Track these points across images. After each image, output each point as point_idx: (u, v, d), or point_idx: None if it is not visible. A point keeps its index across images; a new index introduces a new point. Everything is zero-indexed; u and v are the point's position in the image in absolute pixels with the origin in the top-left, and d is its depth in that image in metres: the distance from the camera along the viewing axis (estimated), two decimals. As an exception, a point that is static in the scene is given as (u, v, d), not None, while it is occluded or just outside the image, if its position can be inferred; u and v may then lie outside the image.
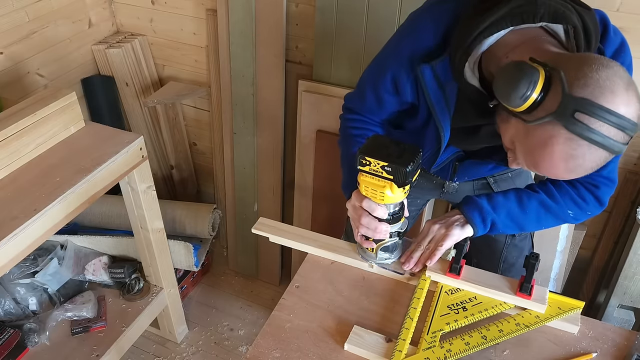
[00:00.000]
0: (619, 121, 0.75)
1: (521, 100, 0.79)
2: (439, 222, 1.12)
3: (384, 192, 0.96)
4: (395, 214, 1.02)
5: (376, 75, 1.09)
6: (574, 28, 0.86)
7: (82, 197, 1.40)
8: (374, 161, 0.94)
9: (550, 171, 0.83)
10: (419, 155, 0.94)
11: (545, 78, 0.78)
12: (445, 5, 0.99)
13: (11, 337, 1.68)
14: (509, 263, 1.38)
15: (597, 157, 0.79)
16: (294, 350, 0.96)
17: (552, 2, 0.86)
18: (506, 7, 0.87)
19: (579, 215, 1.13)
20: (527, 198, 1.12)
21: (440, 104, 1.02)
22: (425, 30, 1.00)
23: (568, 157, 0.79)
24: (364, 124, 1.19)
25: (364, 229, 1.04)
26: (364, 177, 0.97)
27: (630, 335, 0.99)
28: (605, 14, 0.96)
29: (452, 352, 0.94)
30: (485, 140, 1.08)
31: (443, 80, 0.99)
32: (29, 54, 1.96)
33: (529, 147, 0.83)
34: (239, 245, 2.38)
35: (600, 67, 0.76)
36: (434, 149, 1.11)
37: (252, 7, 1.85)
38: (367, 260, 1.11)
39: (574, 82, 0.76)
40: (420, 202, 1.47)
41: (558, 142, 0.78)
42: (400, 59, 1.02)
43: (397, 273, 1.09)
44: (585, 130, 0.76)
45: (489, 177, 1.31)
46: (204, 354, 2.08)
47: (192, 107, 2.36)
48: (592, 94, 0.75)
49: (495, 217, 1.10)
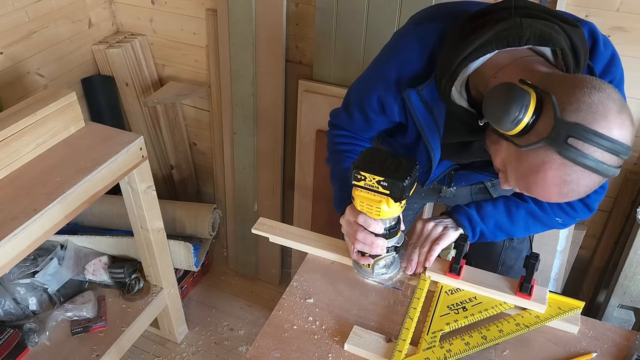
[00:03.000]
0: (613, 146, 0.74)
1: (513, 125, 0.78)
2: (433, 220, 1.11)
3: (380, 207, 0.94)
4: (391, 229, 1.01)
5: (362, 96, 1.08)
6: (562, 50, 0.85)
7: (82, 197, 1.40)
8: (369, 176, 0.92)
9: (543, 195, 0.82)
10: (416, 168, 0.92)
11: (537, 101, 0.77)
12: (430, 25, 0.98)
13: (11, 337, 1.68)
14: (507, 266, 1.38)
15: (590, 182, 0.78)
16: (294, 350, 0.96)
17: (537, 24, 0.85)
18: (492, 31, 0.86)
19: (567, 221, 1.14)
20: (515, 208, 1.12)
21: (429, 125, 1.00)
22: (410, 52, 0.98)
23: (561, 183, 0.78)
24: (352, 140, 1.18)
25: (359, 245, 1.02)
26: (359, 192, 0.95)
27: (630, 335, 0.99)
28: (594, 25, 0.94)
29: (452, 352, 0.94)
30: (477, 155, 1.07)
31: (431, 103, 0.98)
32: (29, 54, 1.96)
33: (521, 172, 0.82)
34: (239, 245, 2.38)
35: (592, 90, 0.75)
36: (425, 167, 1.10)
37: (252, 7, 1.85)
38: (363, 276, 1.10)
39: (566, 107, 0.75)
40: (417, 206, 1.47)
41: (551, 168, 0.77)
42: (386, 82, 1.01)
43: (396, 289, 1.08)
44: (578, 156, 0.75)
45: (487, 181, 1.31)
46: (204, 354, 2.08)
47: (192, 107, 2.36)
48: (585, 119, 0.74)
49: (483, 227, 1.11)
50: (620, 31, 1.53)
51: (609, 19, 1.52)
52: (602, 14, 1.53)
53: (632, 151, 0.79)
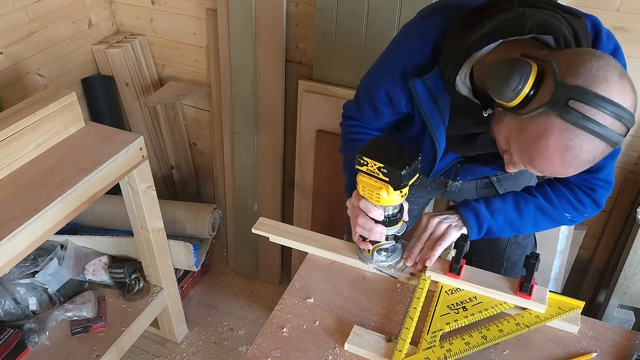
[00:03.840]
0: (615, 109, 0.74)
1: (514, 94, 0.78)
2: (438, 216, 1.12)
3: (379, 193, 0.96)
4: (392, 217, 1.02)
5: (370, 88, 1.10)
6: (564, 38, 0.85)
7: (82, 197, 1.41)
8: (371, 162, 0.93)
9: (545, 165, 0.81)
10: (417, 159, 0.93)
11: (538, 71, 0.78)
12: (434, 18, 0.99)
13: (11, 337, 1.68)
14: (512, 261, 1.38)
15: (593, 149, 0.77)
16: (294, 350, 0.96)
17: (540, 13, 0.85)
18: (495, 21, 0.87)
19: (576, 217, 1.13)
20: (524, 202, 1.12)
21: (434, 116, 1.02)
22: (415, 44, 1.00)
23: (564, 149, 0.77)
24: (364, 129, 1.20)
25: (359, 229, 1.04)
26: (362, 177, 0.97)
27: (630, 335, 0.99)
28: (598, 18, 0.95)
29: (452, 352, 0.94)
30: (482, 147, 1.08)
31: (436, 93, 0.99)
32: (29, 54, 1.96)
33: (524, 142, 0.81)
34: (239, 245, 2.38)
35: (593, 57, 0.76)
36: (430, 157, 1.11)
37: (252, 7, 1.85)
38: (363, 260, 1.11)
39: (567, 72, 0.75)
40: (423, 201, 1.47)
41: (553, 134, 0.77)
42: (392, 74, 1.03)
43: (392, 277, 1.09)
44: (580, 118, 0.74)
45: (492, 176, 1.31)
46: (204, 354, 2.08)
47: (192, 107, 2.36)
48: (585, 81, 0.74)
49: (492, 223, 1.10)
50: (620, 31, 1.53)
51: (609, 19, 1.52)
52: (602, 14, 1.52)
53: (632, 151, 0.79)
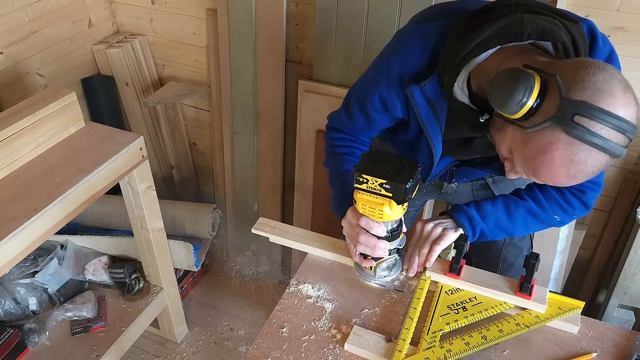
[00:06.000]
0: (619, 123, 0.75)
1: (518, 107, 0.78)
2: (432, 221, 1.11)
3: (382, 209, 0.94)
4: (394, 231, 1.00)
5: (364, 95, 1.08)
6: (563, 44, 0.85)
7: (82, 197, 1.40)
8: (371, 179, 0.91)
9: (550, 178, 0.82)
10: (418, 170, 0.92)
11: (541, 83, 0.78)
12: (432, 23, 0.99)
13: (11, 337, 1.68)
14: (508, 263, 1.38)
15: (597, 162, 0.78)
16: (294, 350, 0.96)
17: (538, 19, 0.85)
18: (493, 27, 0.87)
19: (565, 219, 1.14)
20: (514, 206, 1.12)
21: (431, 122, 1.01)
22: (413, 49, 0.99)
23: (569, 163, 0.78)
24: (351, 142, 1.18)
25: (362, 247, 1.02)
26: (361, 195, 0.94)
27: (630, 335, 0.99)
28: (593, 23, 0.95)
29: (452, 352, 0.94)
30: (478, 151, 1.08)
31: (433, 99, 0.98)
32: (29, 54, 1.96)
33: (528, 155, 0.82)
34: (239, 245, 2.38)
35: (597, 70, 0.76)
36: (427, 162, 1.10)
37: (252, 7, 1.85)
38: (365, 278, 1.09)
39: (572, 86, 0.75)
40: (419, 203, 1.47)
41: (558, 148, 0.77)
42: (389, 79, 1.01)
43: (398, 291, 1.07)
44: (585, 133, 0.75)
45: (488, 177, 1.31)
46: (204, 354, 2.08)
47: (192, 107, 2.36)
48: (590, 96, 0.74)
49: (483, 227, 1.11)
50: (620, 31, 1.53)
51: (609, 19, 1.52)
52: (602, 14, 1.53)
53: (632, 151, 0.79)
